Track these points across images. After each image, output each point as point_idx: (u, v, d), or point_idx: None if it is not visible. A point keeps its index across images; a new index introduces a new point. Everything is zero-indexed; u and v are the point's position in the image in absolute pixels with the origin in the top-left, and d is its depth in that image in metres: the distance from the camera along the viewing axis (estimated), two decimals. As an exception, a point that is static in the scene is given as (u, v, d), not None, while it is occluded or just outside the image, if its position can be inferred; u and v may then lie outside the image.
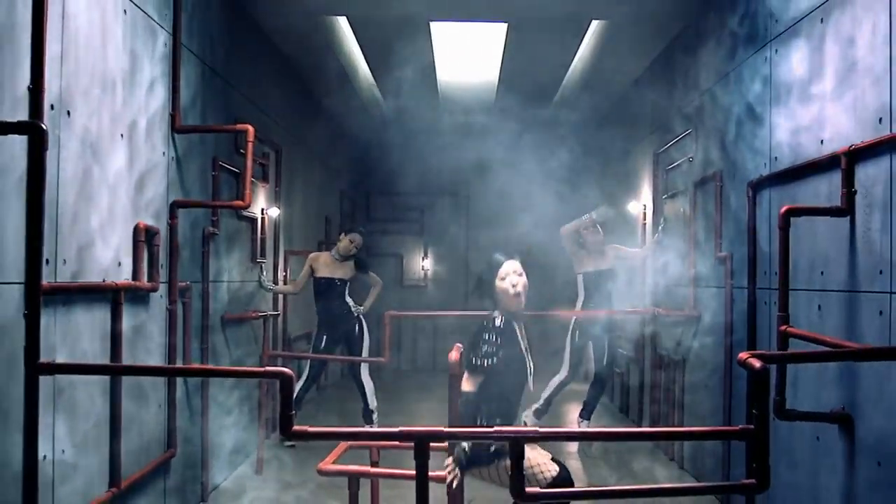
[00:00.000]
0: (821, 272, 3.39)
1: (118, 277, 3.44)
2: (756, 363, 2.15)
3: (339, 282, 6.36)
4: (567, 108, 8.84)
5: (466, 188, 10.79)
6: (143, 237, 3.67)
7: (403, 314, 8.51)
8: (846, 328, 3.15)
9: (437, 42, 6.83)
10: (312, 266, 6.39)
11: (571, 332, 6.35)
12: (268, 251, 6.23)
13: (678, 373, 5.78)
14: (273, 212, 6.40)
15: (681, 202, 5.82)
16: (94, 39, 3.21)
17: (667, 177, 6.26)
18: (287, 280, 6.87)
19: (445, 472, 3.07)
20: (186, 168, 4.35)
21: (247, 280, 5.72)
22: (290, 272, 7.03)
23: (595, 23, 6.36)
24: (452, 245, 11.39)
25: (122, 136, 3.50)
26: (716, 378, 4.89)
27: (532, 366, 3.30)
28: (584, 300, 6.37)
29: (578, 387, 7.07)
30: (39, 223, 2.40)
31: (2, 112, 2.49)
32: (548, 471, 3.20)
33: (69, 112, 2.97)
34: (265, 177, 6.20)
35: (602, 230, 6.40)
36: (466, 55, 7.41)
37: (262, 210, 6.07)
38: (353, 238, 6.41)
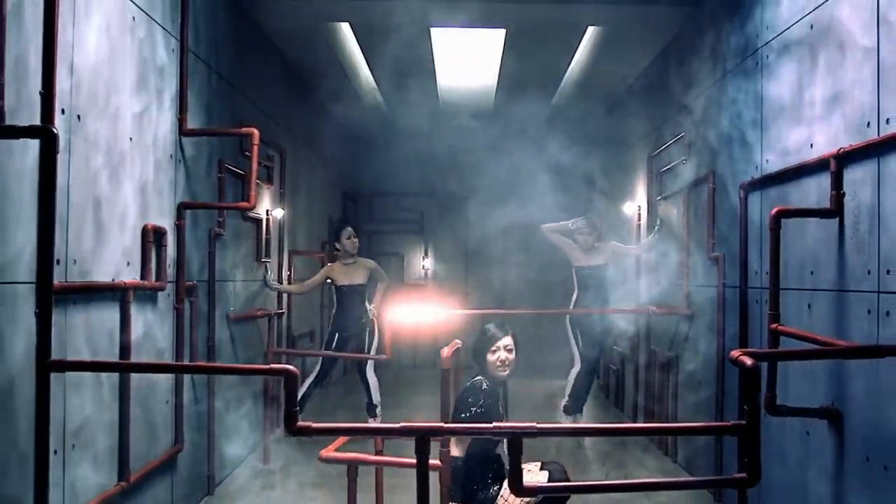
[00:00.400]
0: (811, 272, 3.44)
1: (127, 277, 3.49)
2: (747, 361, 2.17)
3: (360, 287, 6.49)
4: (564, 112, 8.91)
5: (465, 189, 10.87)
6: (152, 238, 3.71)
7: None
8: (835, 326, 3.19)
9: (437, 47, 6.89)
10: (330, 276, 6.49)
11: (571, 326, 6.46)
12: (272, 251, 6.29)
13: (672, 369, 5.84)
14: (277, 212, 6.47)
15: (675, 203, 5.89)
16: (104, 45, 3.25)
17: (661, 179, 6.32)
18: (291, 279, 6.94)
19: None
20: (193, 170, 4.41)
21: (252, 279, 5.77)
22: (295, 271, 7.10)
23: (591, 29, 6.42)
24: (452, 244, 11.48)
25: (131, 140, 3.55)
26: (708, 375, 4.93)
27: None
28: (579, 295, 6.48)
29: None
30: (51, 224, 2.40)
31: (21, 117, 2.54)
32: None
33: (80, 116, 3.01)
34: (270, 178, 6.27)
35: (597, 229, 6.49)
36: (466, 60, 7.48)
37: (267, 211, 6.14)
38: (348, 233, 6.49)
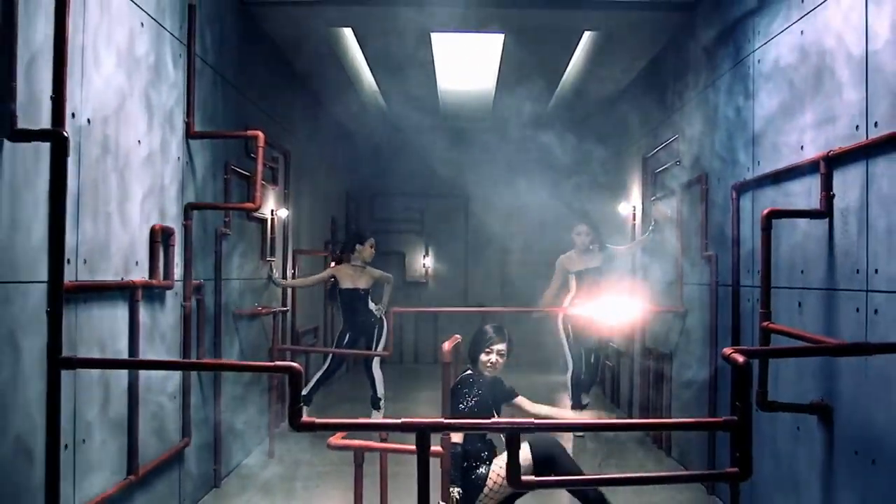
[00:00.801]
0: (801, 271, 3.48)
1: (136, 276, 3.55)
2: (739, 358, 2.19)
3: (364, 291, 6.60)
4: (561, 114, 8.98)
5: (465, 189, 10.97)
6: (159, 238, 3.77)
7: (406, 310, 8.65)
8: (825, 324, 3.24)
9: (438, 51, 6.95)
10: (336, 276, 6.59)
11: (563, 328, 6.50)
12: (277, 250, 6.36)
13: (666, 366, 5.89)
14: (282, 213, 6.54)
15: (668, 204, 5.95)
16: (113, 50, 3.32)
17: (655, 180, 6.37)
18: (295, 277, 7.01)
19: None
20: (200, 172, 4.48)
21: (257, 278, 5.84)
22: (299, 270, 7.19)
23: (587, 33, 6.49)
24: (452, 244, 11.58)
25: (140, 143, 3.62)
26: (702, 371, 4.97)
27: (497, 415, 3.88)
28: (573, 295, 6.52)
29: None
30: (62, 225, 2.46)
31: (36, 121, 2.62)
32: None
33: (89, 120, 3.07)
34: (274, 180, 6.34)
35: (593, 231, 6.56)
36: (465, 63, 7.54)
37: (272, 211, 6.20)
38: (371, 242, 6.67)
